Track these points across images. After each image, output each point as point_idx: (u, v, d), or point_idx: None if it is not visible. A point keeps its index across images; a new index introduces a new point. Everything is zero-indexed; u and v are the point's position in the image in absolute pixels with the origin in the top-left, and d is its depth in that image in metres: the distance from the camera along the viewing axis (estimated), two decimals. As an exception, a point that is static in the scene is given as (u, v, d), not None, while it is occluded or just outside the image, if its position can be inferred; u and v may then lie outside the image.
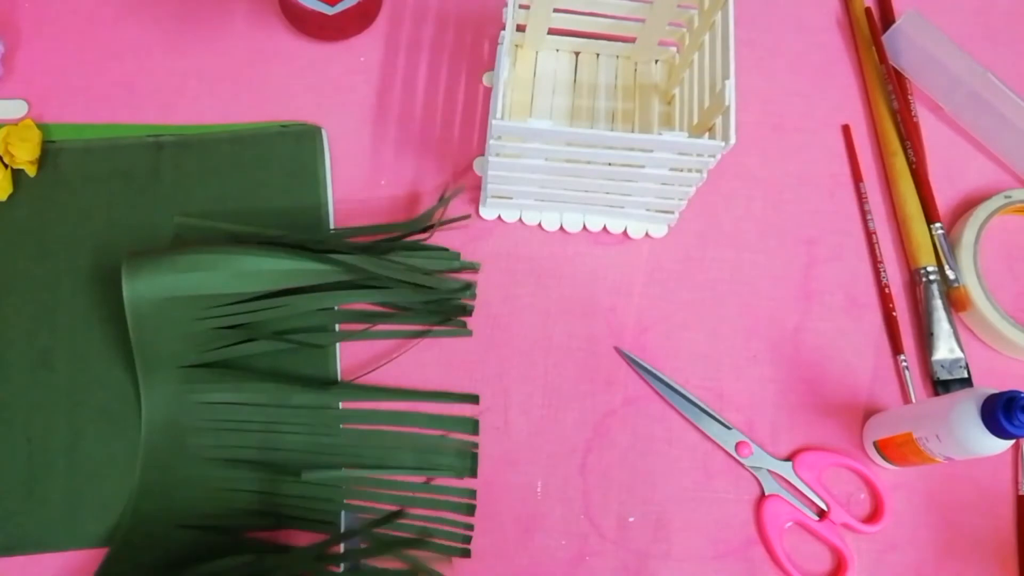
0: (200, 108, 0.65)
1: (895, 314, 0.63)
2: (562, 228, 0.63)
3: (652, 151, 0.53)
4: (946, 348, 0.62)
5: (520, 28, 0.65)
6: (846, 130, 0.68)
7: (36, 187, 0.62)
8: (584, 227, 0.63)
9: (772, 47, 0.70)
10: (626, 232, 0.64)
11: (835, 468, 0.60)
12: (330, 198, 0.63)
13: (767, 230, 0.65)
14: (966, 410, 0.49)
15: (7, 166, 0.61)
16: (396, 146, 0.65)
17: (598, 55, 0.68)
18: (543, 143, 0.53)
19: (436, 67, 0.68)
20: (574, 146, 0.53)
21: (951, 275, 0.63)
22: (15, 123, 0.63)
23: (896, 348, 0.62)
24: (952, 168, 0.67)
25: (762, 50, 0.70)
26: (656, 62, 0.68)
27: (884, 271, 0.64)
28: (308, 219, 0.62)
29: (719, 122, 0.53)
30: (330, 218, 0.63)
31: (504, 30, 0.56)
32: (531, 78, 0.67)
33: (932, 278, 0.63)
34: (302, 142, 0.64)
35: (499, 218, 0.64)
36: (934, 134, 0.68)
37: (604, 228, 0.64)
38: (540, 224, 0.64)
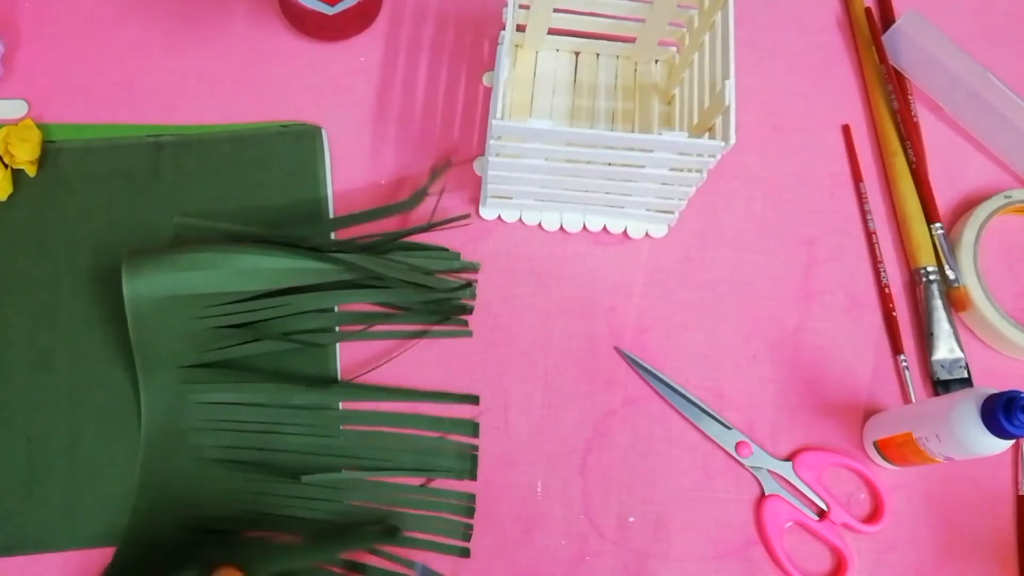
0: (200, 108, 0.65)
1: (895, 314, 0.63)
2: (562, 228, 0.63)
3: (652, 151, 0.53)
4: (946, 348, 0.62)
5: (520, 28, 0.65)
6: (846, 130, 0.68)
7: (36, 187, 0.62)
8: (584, 227, 0.63)
9: (772, 47, 0.70)
10: (626, 232, 0.64)
11: (835, 468, 0.60)
12: (330, 198, 0.63)
13: (767, 230, 0.65)
14: (966, 410, 0.49)
15: (7, 166, 0.61)
16: (396, 146, 0.65)
17: (598, 55, 0.68)
18: (543, 143, 0.53)
19: (436, 67, 0.68)
20: (574, 146, 0.53)
21: (951, 275, 0.63)
22: (15, 123, 0.63)
23: (896, 348, 0.62)
24: (952, 168, 0.67)
25: (762, 50, 0.70)
26: (656, 62, 0.68)
27: (884, 271, 0.64)
28: (308, 218, 0.62)
29: (719, 122, 0.53)
30: (330, 219, 0.63)
31: (504, 30, 0.56)
32: (531, 78, 0.67)
33: (932, 278, 0.63)
34: (302, 142, 0.64)
35: (499, 218, 0.64)
36: (934, 134, 0.68)
37: (604, 228, 0.63)
38: (540, 224, 0.64)
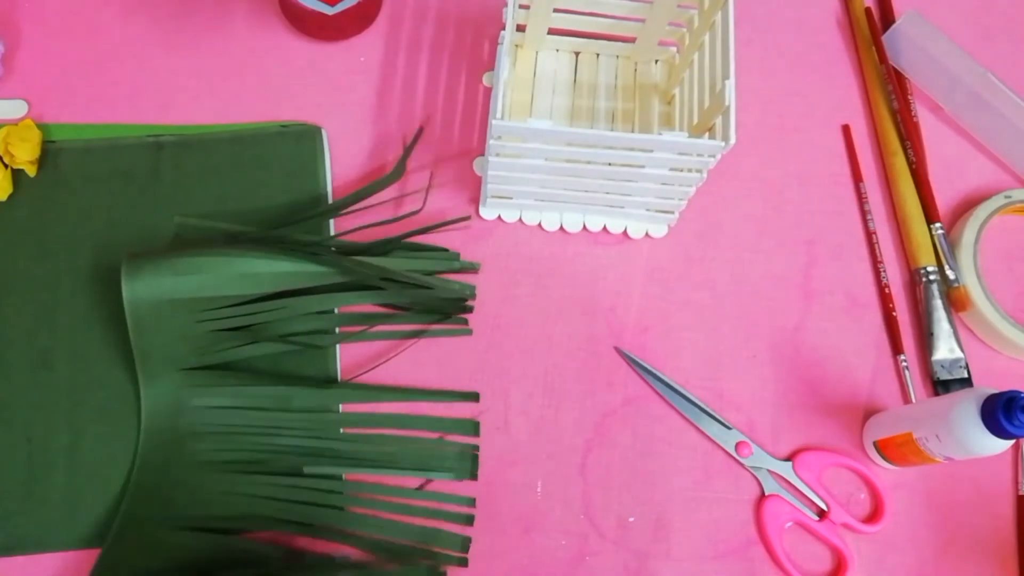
0: (200, 108, 0.65)
1: (895, 314, 0.63)
2: (562, 228, 0.63)
3: (652, 151, 0.53)
4: (946, 348, 0.62)
5: (520, 28, 0.65)
6: (846, 130, 0.68)
7: (36, 187, 0.62)
8: (584, 227, 0.63)
9: (772, 47, 0.70)
10: (626, 232, 0.64)
11: (835, 468, 0.60)
12: (330, 198, 0.63)
13: (767, 230, 0.65)
14: (966, 410, 0.49)
15: (7, 166, 0.61)
16: (396, 146, 0.65)
17: (598, 55, 0.68)
18: (543, 143, 0.53)
19: (436, 67, 0.68)
20: (574, 146, 0.53)
21: (951, 275, 0.63)
22: (15, 123, 0.63)
23: (896, 348, 0.62)
24: (952, 168, 0.67)
25: (762, 50, 0.70)
26: (656, 62, 0.68)
27: (884, 271, 0.64)
28: (306, 209, 0.63)
29: (719, 122, 0.53)
30: (330, 220, 0.63)
31: (504, 30, 0.56)
32: (531, 78, 0.67)
33: (932, 278, 0.63)
34: (302, 142, 0.64)
35: (499, 218, 0.64)
36: (934, 134, 0.68)
37: (604, 228, 0.63)
38: (540, 224, 0.64)
